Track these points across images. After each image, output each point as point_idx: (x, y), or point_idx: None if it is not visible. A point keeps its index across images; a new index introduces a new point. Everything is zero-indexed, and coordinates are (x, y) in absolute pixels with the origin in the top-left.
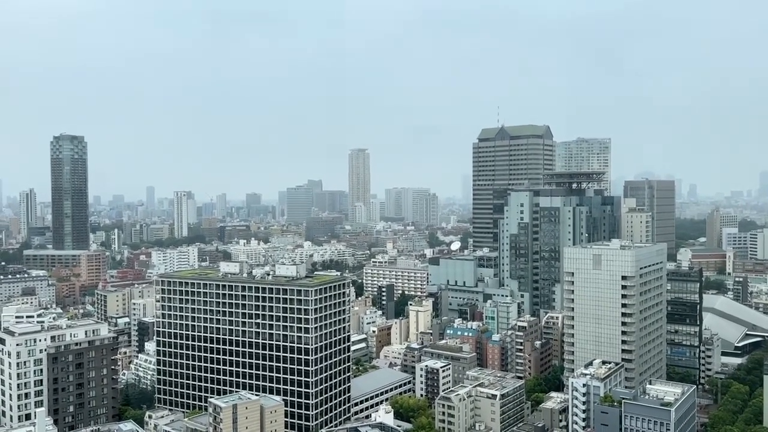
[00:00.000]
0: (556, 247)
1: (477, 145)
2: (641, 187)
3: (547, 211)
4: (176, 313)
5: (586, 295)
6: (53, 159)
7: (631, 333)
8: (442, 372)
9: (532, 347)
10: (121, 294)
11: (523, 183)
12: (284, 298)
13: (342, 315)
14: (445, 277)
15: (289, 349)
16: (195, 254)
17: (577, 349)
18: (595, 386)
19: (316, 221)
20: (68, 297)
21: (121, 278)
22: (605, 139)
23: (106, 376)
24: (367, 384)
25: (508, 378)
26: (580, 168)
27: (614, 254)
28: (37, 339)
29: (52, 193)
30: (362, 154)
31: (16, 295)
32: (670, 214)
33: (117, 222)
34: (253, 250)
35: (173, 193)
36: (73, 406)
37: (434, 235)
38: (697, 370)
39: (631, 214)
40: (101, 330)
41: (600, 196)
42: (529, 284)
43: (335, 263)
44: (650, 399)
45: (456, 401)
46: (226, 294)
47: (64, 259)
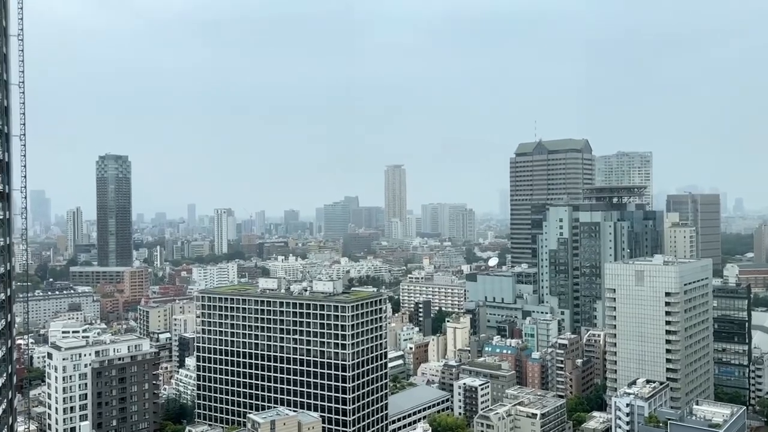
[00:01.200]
0: (596, 263)
1: (514, 160)
2: (684, 201)
3: (587, 226)
4: (216, 329)
5: (628, 312)
6: (99, 178)
7: (676, 351)
8: (480, 390)
9: (574, 365)
10: (163, 310)
11: (562, 198)
12: (321, 314)
13: (379, 331)
14: (482, 293)
15: (326, 365)
16: (234, 270)
17: (620, 368)
18: (639, 406)
19: (352, 237)
20: (112, 312)
21: (162, 294)
22: (646, 152)
23: (148, 390)
24: (404, 401)
25: (549, 397)
26: (620, 182)
27: (657, 270)
28: (82, 354)
29: (97, 212)
30: (398, 170)
31: (62, 310)
32: (715, 229)
33: (159, 239)
34: (291, 266)
35: (213, 211)
36: (116, 420)
37: (471, 251)
38: (746, 391)
39: (675, 228)
40: (143, 345)
41: (642, 210)
42: (569, 301)
43: (372, 279)
44: (697, 420)
45: (495, 420)
46: (264, 310)
47: (109, 276)
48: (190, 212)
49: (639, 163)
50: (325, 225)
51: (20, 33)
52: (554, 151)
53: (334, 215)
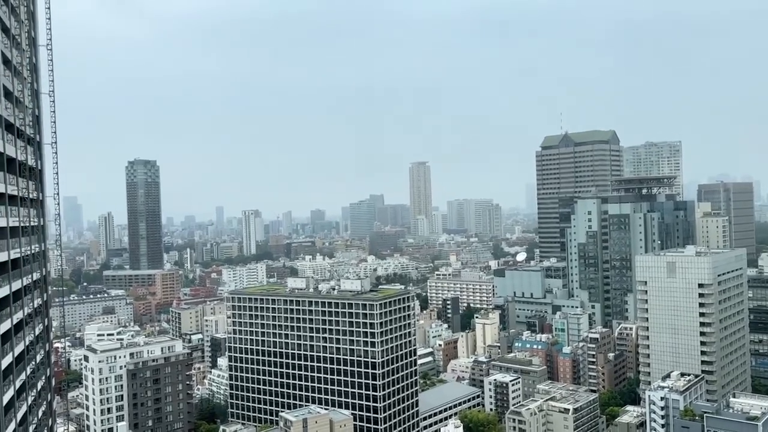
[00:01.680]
0: (627, 256)
1: (540, 154)
2: (716, 190)
3: (617, 219)
4: (247, 329)
5: (661, 305)
6: (128, 183)
7: (710, 343)
8: (511, 385)
9: (606, 359)
10: (194, 311)
11: (590, 190)
12: (350, 313)
13: (407, 328)
14: (511, 288)
15: (356, 363)
16: (263, 271)
17: (653, 361)
18: (674, 399)
19: (378, 235)
20: (145, 315)
21: (193, 296)
22: (675, 142)
23: (182, 391)
24: (434, 398)
25: (581, 391)
26: (649, 173)
27: (689, 261)
28: (117, 356)
29: (128, 216)
30: (422, 167)
31: (97, 314)
32: (748, 218)
33: (189, 242)
34: (319, 265)
35: (241, 212)
36: (152, 420)
37: (498, 246)
38: None
39: (707, 218)
40: (176, 346)
41: (672, 201)
42: (599, 294)
43: (399, 277)
44: (734, 413)
45: (527, 415)
46: (293, 309)
47: (141, 279)
48: (218, 214)
49: (668, 153)
50: (351, 224)
51: (49, 43)
52: (581, 143)
53: (359, 214)
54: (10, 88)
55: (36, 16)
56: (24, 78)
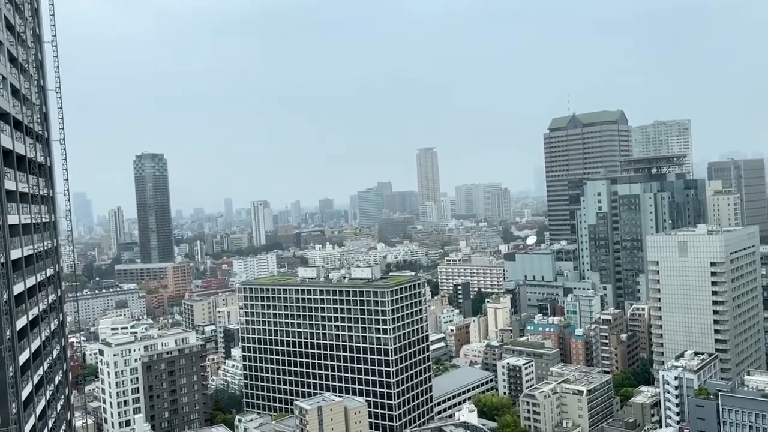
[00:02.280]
0: (638, 236)
1: (548, 136)
2: (727, 167)
3: (627, 199)
4: (259, 319)
5: (673, 285)
6: (137, 177)
7: (724, 322)
8: (524, 369)
9: (618, 340)
10: (207, 303)
11: (599, 171)
12: (361, 300)
13: (419, 315)
14: (522, 272)
15: (368, 350)
16: (274, 261)
17: (666, 341)
18: (688, 379)
19: (387, 223)
20: (157, 308)
21: (205, 288)
22: (684, 120)
23: (197, 382)
24: (448, 383)
25: (594, 373)
26: (658, 152)
27: (701, 240)
28: (131, 349)
29: (137, 210)
30: (430, 153)
31: (110, 308)
32: (760, 195)
33: (199, 234)
34: (329, 254)
35: (250, 204)
36: (168, 411)
37: (508, 230)
38: None
39: (718, 196)
40: (190, 338)
41: (682, 180)
42: (611, 276)
43: (409, 263)
44: (749, 390)
45: (541, 398)
46: (305, 298)
47: (152, 272)
48: (227, 206)
49: (677, 132)
50: (359, 212)
51: (53, 39)
52: (589, 124)
53: (368, 202)
54: (17, 86)
55: (40, 13)
56: (30, 75)
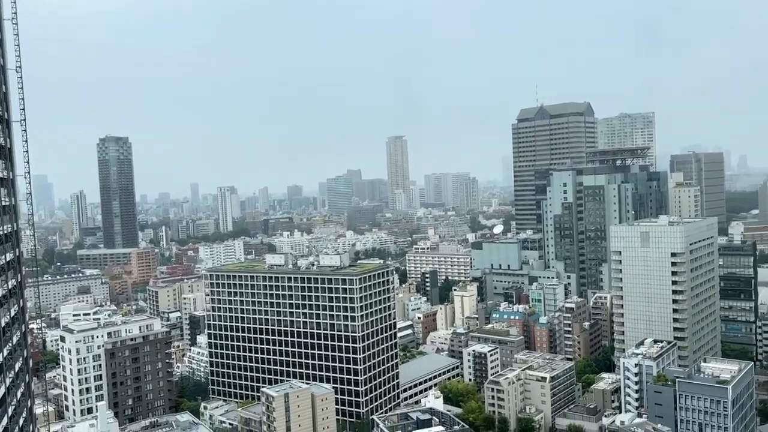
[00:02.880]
0: (601, 226)
1: (516, 126)
2: (688, 160)
3: (591, 190)
4: (225, 306)
5: (634, 274)
6: (100, 160)
7: (682, 311)
8: (489, 356)
9: (581, 328)
10: (172, 289)
11: (565, 162)
12: (329, 288)
13: (387, 302)
14: (488, 261)
15: (336, 338)
16: (241, 248)
17: (627, 329)
18: (647, 366)
19: (356, 210)
20: (121, 294)
21: (170, 274)
22: (649, 113)
23: (161, 369)
24: (415, 370)
25: (558, 360)
26: (623, 144)
27: (662, 231)
28: (94, 335)
29: (100, 194)
30: (400, 141)
31: (72, 294)
32: (719, 187)
33: (164, 219)
34: (297, 241)
35: (217, 189)
36: (132, 399)
37: (476, 219)
38: (753, 347)
39: (679, 188)
40: (154, 325)
41: (645, 172)
42: (575, 265)
43: (377, 251)
44: (706, 377)
45: (505, 385)
46: (272, 285)
47: (116, 258)
48: (193, 191)
49: (642, 124)
50: (328, 199)
51: (14, 17)
52: (556, 115)
53: (337, 189)
54: None
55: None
56: None
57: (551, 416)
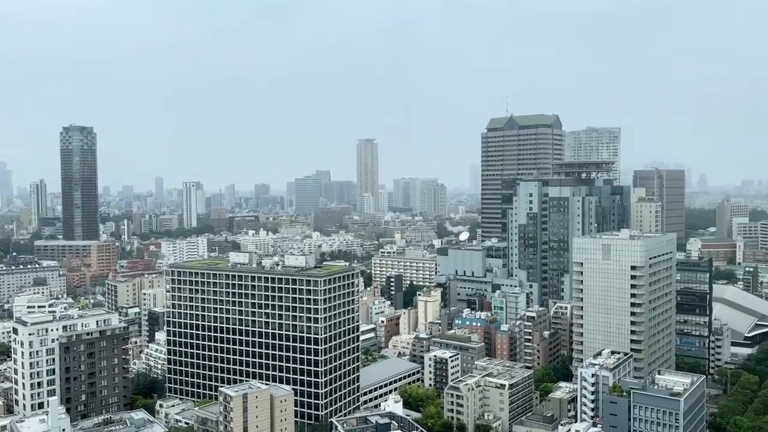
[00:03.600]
0: (565, 237)
1: (486, 135)
2: (651, 176)
3: (556, 201)
4: (186, 303)
5: (595, 285)
6: (63, 150)
7: (640, 323)
8: (450, 362)
9: (541, 337)
10: (132, 284)
11: (532, 173)
12: (293, 288)
13: (351, 305)
14: (453, 267)
15: (298, 339)
16: (204, 245)
17: (586, 339)
18: (604, 376)
19: (324, 212)
20: (79, 287)
21: (131, 268)
22: (614, 128)
23: (117, 365)
24: (376, 373)
25: (517, 368)
26: (589, 157)
27: (623, 244)
28: (49, 329)
29: (62, 184)
30: (370, 144)
31: (27, 285)
32: (679, 204)
33: (126, 212)
34: (262, 240)
35: (182, 184)
36: (85, 395)
37: (442, 225)
38: (706, 360)
39: (641, 203)
40: (112, 320)
41: (609, 185)
42: (537, 274)
43: (343, 254)
44: (659, 389)
45: (465, 391)
46: (235, 284)
47: (75, 250)
48: (158, 185)
49: (607, 139)
50: (296, 199)
51: None
52: (525, 126)
53: (305, 189)
54: None
55: None
56: None
57: (509, 423)
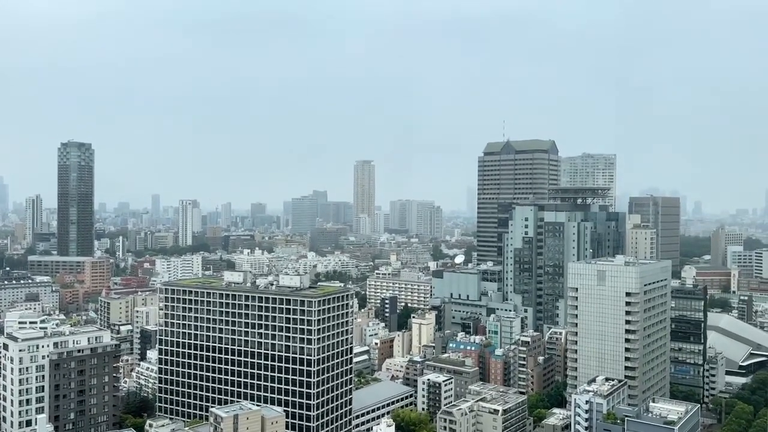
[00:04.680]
0: (560, 263)
1: (482, 159)
2: (646, 203)
3: (552, 226)
4: (179, 322)
5: (589, 311)
6: (60, 165)
7: (634, 350)
8: (444, 386)
9: (535, 363)
10: (125, 301)
11: (528, 197)
12: (287, 309)
13: (345, 326)
14: (448, 290)
15: (291, 360)
16: (199, 263)
17: (580, 366)
18: (598, 403)
19: (320, 232)
20: (72, 303)
21: (124, 286)
22: (610, 155)
23: (108, 383)
24: (368, 396)
25: (511, 393)
26: (585, 183)
27: (618, 270)
28: (39, 345)
29: (58, 200)
30: (367, 165)
31: (19, 300)
32: (674, 231)
33: (122, 229)
34: (257, 259)
35: (178, 202)
36: (74, 413)
37: (438, 248)
38: (701, 389)
39: (636, 230)
40: (104, 337)
41: (605, 212)
42: (532, 299)
43: (339, 274)
44: (653, 417)
45: (458, 416)
46: (229, 303)
47: (69, 266)
48: (154, 203)
49: (603, 165)
50: (292, 219)
51: None
52: (521, 151)
53: (301, 209)
54: None
55: None
56: None
57: None
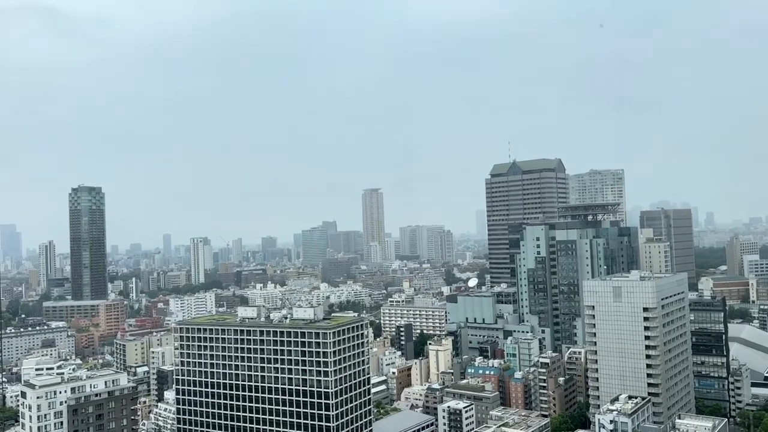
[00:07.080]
0: (574, 281)
1: (490, 181)
2: (657, 217)
3: (564, 244)
4: (195, 360)
5: (608, 329)
6: (72, 210)
7: (656, 366)
8: (465, 412)
9: (556, 384)
10: (140, 343)
11: (538, 217)
12: (302, 342)
13: (361, 357)
14: (463, 314)
15: (308, 393)
16: (212, 300)
17: (602, 385)
18: (622, 422)
19: (331, 262)
20: (87, 347)
21: (139, 327)
22: (618, 170)
23: (126, 426)
24: (389, 427)
25: (533, 416)
26: (594, 200)
27: (634, 286)
28: (57, 391)
29: (70, 244)
30: (375, 193)
31: (36, 347)
32: (688, 243)
33: (134, 270)
34: (270, 293)
35: (189, 240)
36: None
37: (450, 272)
38: (727, 403)
39: (649, 244)
40: (121, 380)
41: (616, 227)
42: (549, 319)
43: (352, 304)
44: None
45: None
46: (244, 339)
47: (83, 310)
48: (165, 242)
49: (611, 181)
50: (303, 251)
51: None
52: (528, 171)
53: (311, 241)
54: None
55: None
56: None
57: None
